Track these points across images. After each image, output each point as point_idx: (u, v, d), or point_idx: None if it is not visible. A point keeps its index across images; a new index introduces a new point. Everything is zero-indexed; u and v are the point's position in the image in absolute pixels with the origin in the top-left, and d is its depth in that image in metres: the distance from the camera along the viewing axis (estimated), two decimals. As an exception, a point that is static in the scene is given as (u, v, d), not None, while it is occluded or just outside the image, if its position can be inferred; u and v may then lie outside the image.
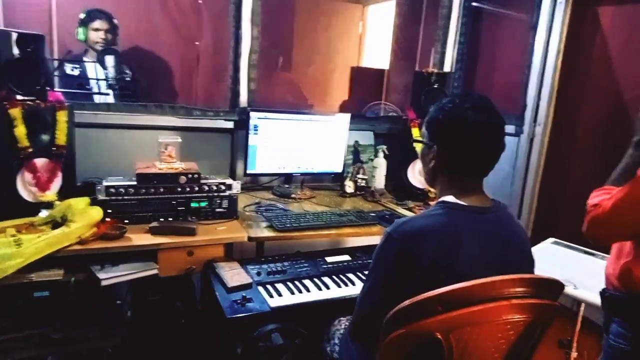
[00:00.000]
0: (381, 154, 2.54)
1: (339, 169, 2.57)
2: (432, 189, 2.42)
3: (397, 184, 2.55)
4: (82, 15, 2.94)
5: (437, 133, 1.24)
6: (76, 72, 2.94)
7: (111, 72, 2.93)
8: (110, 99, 2.82)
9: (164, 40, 3.89)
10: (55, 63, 2.57)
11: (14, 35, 1.65)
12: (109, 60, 2.93)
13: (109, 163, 2.20)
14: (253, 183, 2.56)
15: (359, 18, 5.02)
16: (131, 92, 3.04)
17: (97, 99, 2.81)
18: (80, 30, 2.95)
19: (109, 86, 2.91)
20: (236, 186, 1.95)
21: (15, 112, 1.60)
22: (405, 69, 4.25)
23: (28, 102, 1.66)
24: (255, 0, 2.38)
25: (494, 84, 3.61)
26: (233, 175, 2.51)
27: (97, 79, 2.80)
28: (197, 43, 3.99)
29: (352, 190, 2.51)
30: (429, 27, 4.18)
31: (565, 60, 3.01)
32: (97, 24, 2.95)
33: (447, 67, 2.96)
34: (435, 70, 2.53)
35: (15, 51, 1.66)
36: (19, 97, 1.66)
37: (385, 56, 4.58)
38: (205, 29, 3.96)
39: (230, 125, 2.49)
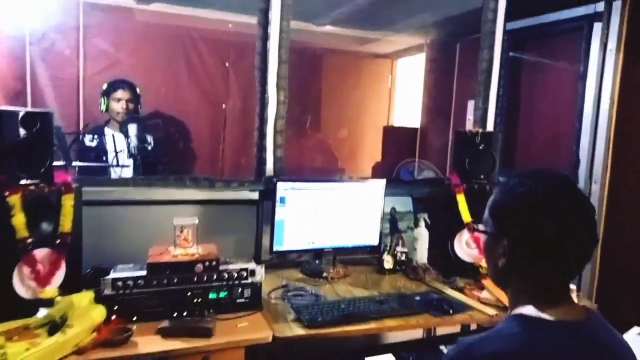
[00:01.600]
0: (422, 223, 2.27)
1: (375, 241, 2.31)
2: (484, 265, 2.13)
3: (442, 258, 2.25)
4: (104, 86, 2.90)
5: (508, 223, 0.98)
6: (94, 144, 2.85)
7: (134, 140, 2.83)
8: (129, 171, 2.71)
9: (191, 106, 3.85)
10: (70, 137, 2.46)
11: (21, 114, 1.52)
12: (132, 128, 2.84)
13: (123, 244, 2.01)
14: (280, 258, 2.32)
15: (388, 72, 4.91)
16: (151, 159, 2.93)
17: (116, 171, 2.69)
18: (102, 100, 2.91)
19: (131, 156, 2.80)
20: (260, 272, 1.72)
21: (14, 200, 1.44)
22: (439, 126, 4.05)
23: (30, 187, 1.50)
24: (282, 64, 2.24)
25: (539, 138, 3.35)
26: (259, 251, 2.29)
27: (116, 151, 2.68)
28: (224, 106, 3.93)
29: (391, 266, 2.23)
30: (463, 81, 4.01)
31: (621, 111, 2.72)
32: (119, 94, 2.90)
33: (489, 124, 2.71)
34: (480, 130, 2.28)
35: (22, 131, 1.52)
36: (22, 181, 1.51)
37: (416, 112, 4.40)
38: (233, 93, 3.90)
39: (255, 196, 2.29)
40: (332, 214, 2.20)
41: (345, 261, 2.32)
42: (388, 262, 2.23)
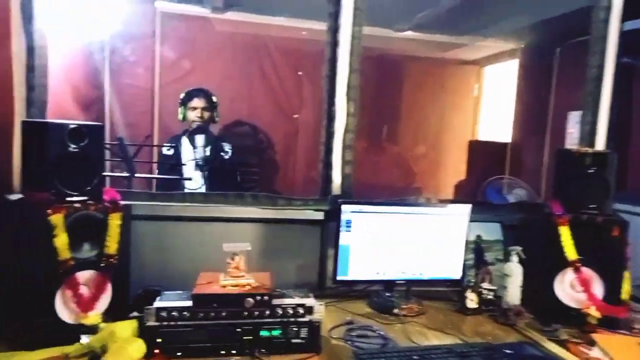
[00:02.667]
0: (515, 258, 1.92)
1: (457, 275, 2.00)
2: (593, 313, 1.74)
3: (540, 301, 1.88)
4: (182, 95, 2.86)
5: None
6: (171, 152, 2.81)
7: (200, 152, 2.75)
8: (196, 183, 2.62)
9: (264, 116, 3.76)
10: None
11: (69, 128, 1.43)
12: (199, 139, 2.77)
13: (177, 263, 1.91)
14: (346, 286, 2.08)
15: (475, 81, 4.51)
16: (228, 168, 2.85)
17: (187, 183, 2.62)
18: (180, 110, 2.87)
19: (197, 166, 2.73)
20: (319, 309, 1.49)
21: (57, 219, 1.34)
22: (533, 141, 3.61)
23: (75, 205, 1.40)
24: (353, 73, 2.02)
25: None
26: (322, 278, 2.07)
27: (182, 163, 2.60)
28: (296, 116, 3.80)
29: (476, 305, 1.90)
30: (562, 90, 3.54)
31: None
32: (195, 102, 2.85)
33: (599, 142, 2.29)
34: (590, 150, 1.89)
35: (71, 146, 1.43)
36: (68, 198, 1.41)
37: (506, 125, 3.98)
38: (306, 103, 3.76)
39: (320, 216, 2.08)
40: (406, 241, 1.93)
41: (420, 294, 2.03)
42: (472, 301, 1.91)
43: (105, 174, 1.67)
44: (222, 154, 2.84)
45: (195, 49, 3.39)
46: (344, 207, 1.85)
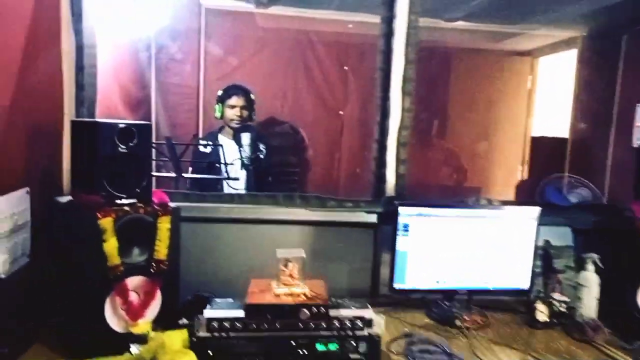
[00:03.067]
0: (591, 267, 1.74)
1: (524, 285, 1.83)
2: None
3: (620, 315, 1.70)
4: (219, 93, 2.79)
5: None
6: (208, 150, 2.74)
7: (246, 150, 2.68)
8: (241, 184, 2.55)
9: (308, 112, 3.67)
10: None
11: (119, 127, 1.37)
12: (245, 138, 2.70)
13: (225, 267, 1.87)
14: (401, 295, 1.95)
15: (528, 73, 4.27)
16: (263, 169, 2.77)
17: (229, 184, 2.55)
18: (217, 107, 2.79)
19: (243, 166, 2.65)
20: (379, 322, 1.38)
21: (106, 223, 1.28)
22: (596, 137, 3.36)
23: (124, 208, 1.34)
24: (409, 65, 1.88)
25: None
26: (376, 285, 1.96)
27: (226, 163, 2.51)
28: (341, 112, 3.69)
29: (547, 319, 1.74)
30: (630, 80, 3.27)
31: None
32: (234, 100, 2.76)
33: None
34: (682, 146, 1.69)
35: (121, 146, 1.37)
36: (117, 200, 1.36)
37: (562, 120, 3.73)
38: (351, 98, 3.64)
39: (373, 218, 1.96)
40: (468, 247, 1.78)
41: (481, 304, 1.88)
42: (542, 313, 1.74)
43: (152, 174, 1.61)
44: (258, 154, 2.75)
45: (240, 45, 3.34)
46: (401, 210, 1.73)
